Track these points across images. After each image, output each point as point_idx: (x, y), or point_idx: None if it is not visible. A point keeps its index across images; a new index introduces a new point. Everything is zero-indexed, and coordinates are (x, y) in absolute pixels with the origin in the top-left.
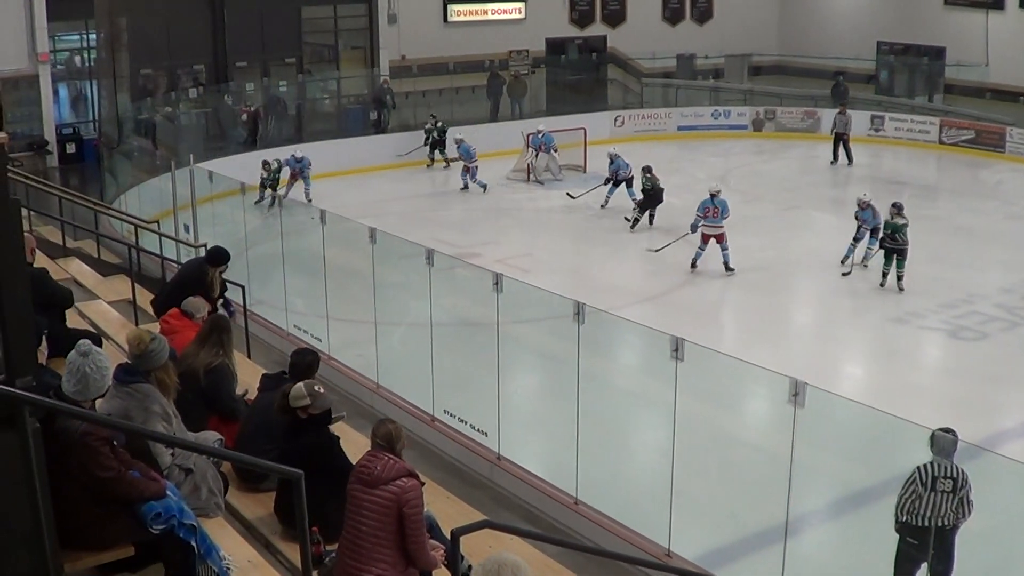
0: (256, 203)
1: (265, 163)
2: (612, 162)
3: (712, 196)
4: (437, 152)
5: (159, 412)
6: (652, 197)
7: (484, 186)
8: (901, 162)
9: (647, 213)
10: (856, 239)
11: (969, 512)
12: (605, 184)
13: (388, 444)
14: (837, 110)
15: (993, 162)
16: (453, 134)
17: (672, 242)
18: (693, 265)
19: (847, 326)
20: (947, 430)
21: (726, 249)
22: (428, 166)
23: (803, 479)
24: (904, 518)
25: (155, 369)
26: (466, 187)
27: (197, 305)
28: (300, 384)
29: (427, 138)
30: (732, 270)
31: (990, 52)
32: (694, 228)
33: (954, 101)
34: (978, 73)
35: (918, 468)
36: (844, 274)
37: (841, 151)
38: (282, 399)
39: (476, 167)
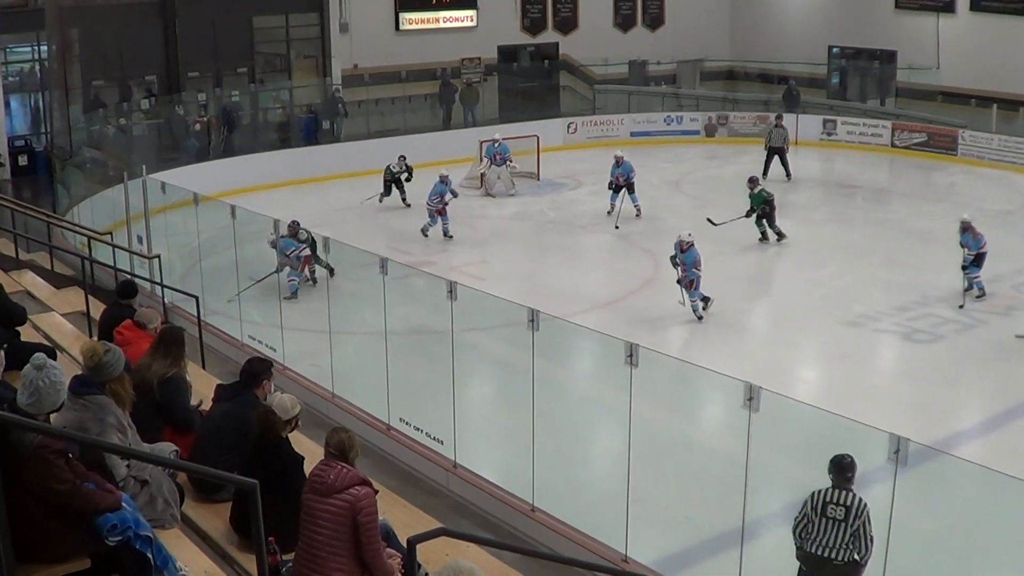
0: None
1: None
2: (619, 165)
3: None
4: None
5: (114, 424)
6: (772, 207)
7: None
8: (853, 166)
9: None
10: (964, 267)
11: (867, 548)
12: (610, 188)
13: (341, 453)
14: (773, 123)
15: (945, 164)
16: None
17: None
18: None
19: (801, 330)
20: (845, 456)
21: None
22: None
23: (759, 483)
24: (798, 542)
25: (110, 381)
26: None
27: (150, 316)
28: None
29: (388, 181)
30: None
31: (941, 55)
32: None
33: (906, 104)
34: (930, 76)
35: (812, 494)
36: (959, 306)
37: (776, 165)
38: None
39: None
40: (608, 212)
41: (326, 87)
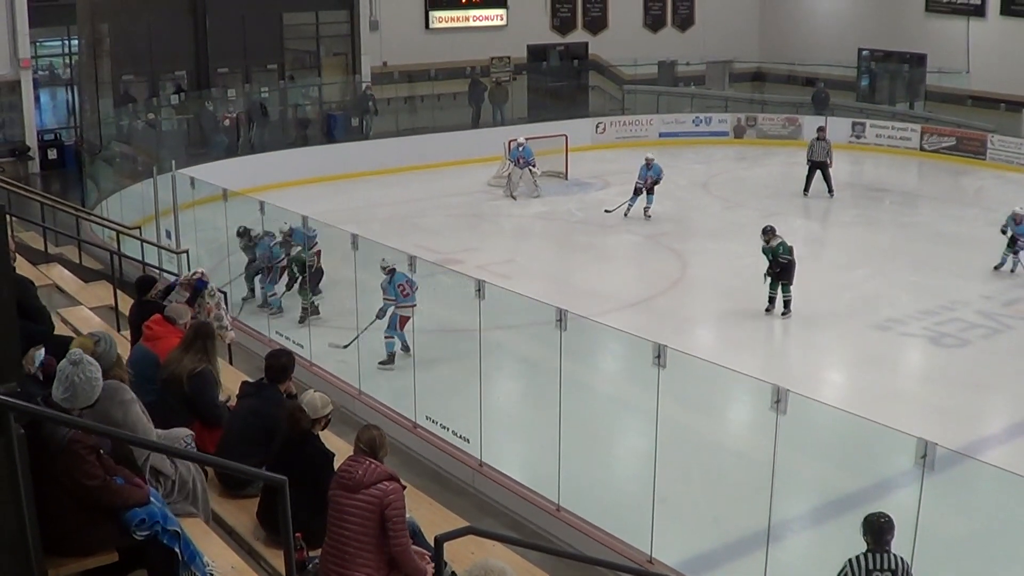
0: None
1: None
2: (649, 167)
3: (396, 271)
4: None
5: (131, 399)
6: (787, 267)
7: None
8: (882, 169)
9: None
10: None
11: None
12: (636, 193)
13: (371, 450)
14: (815, 136)
15: (974, 169)
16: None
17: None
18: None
19: (829, 333)
20: (881, 515)
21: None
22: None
23: (785, 485)
24: None
25: (110, 368)
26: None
27: (180, 311)
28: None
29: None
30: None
31: (971, 59)
32: (383, 313)
33: (935, 108)
34: (959, 80)
35: (849, 561)
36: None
37: (817, 180)
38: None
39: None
40: (625, 214)
41: (356, 84)
